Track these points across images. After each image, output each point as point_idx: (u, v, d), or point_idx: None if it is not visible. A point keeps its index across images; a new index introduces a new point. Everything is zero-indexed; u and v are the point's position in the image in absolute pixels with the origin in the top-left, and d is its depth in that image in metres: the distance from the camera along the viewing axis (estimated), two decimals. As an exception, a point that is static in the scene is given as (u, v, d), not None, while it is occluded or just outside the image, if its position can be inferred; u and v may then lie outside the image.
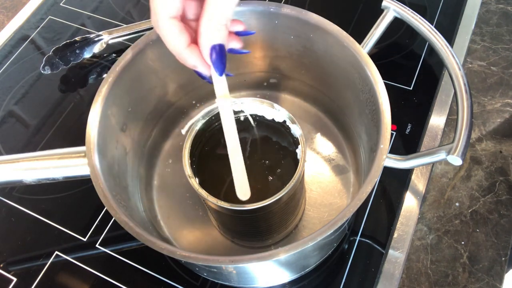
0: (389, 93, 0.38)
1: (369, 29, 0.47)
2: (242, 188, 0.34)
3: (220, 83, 0.34)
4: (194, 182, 0.38)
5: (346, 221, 0.34)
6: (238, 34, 0.35)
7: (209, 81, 0.34)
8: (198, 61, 0.32)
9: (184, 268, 0.46)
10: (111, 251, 0.48)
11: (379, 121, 0.37)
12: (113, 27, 0.63)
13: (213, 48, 0.32)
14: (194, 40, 0.32)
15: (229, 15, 0.31)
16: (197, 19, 0.32)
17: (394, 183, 0.50)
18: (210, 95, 0.54)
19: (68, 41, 0.59)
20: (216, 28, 0.31)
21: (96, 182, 0.37)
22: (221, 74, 0.33)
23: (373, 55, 0.42)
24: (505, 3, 0.63)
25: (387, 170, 0.42)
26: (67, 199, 0.52)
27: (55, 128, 0.57)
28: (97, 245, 0.48)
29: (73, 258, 0.48)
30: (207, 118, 0.42)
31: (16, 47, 0.65)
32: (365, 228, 0.47)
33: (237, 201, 0.36)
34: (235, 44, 0.34)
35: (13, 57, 0.64)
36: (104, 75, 0.42)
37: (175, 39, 0.32)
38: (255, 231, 0.43)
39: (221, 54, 0.32)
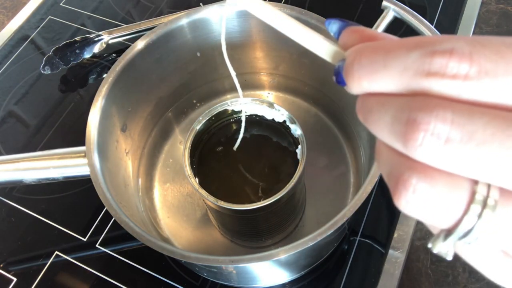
0: (389, 93, 0.38)
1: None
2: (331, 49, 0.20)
3: None
4: (194, 182, 0.38)
5: (346, 221, 0.34)
6: None
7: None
8: None
9: (184, 268, 0.46)
10: (111, 251, 0.48)
11: (379, 121, 0.37)
12: (113, 27, 0.63)
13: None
14: None
15: None
16: None
17: (394, 183, 0.50)
18: (210, 95, 0.54)
19: (68, 41, 0.59)
20: None
21: (96, 182, 0.37)
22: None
23: (373, 55, 0.42)
24: (505, 3, 0.63)
25: (387, 170, 0.42)
26: (67, 199, 0.52)
27: (55, 128, 0.57)
28: (97, 245, 0.48)
29: (73, 258, 0.48)
30: (207, 118, 0.42)
31: (16, 47, 0.65)
32: (365, 228, 0.47)
33: (237, 201, 0.36)
34: None
35: (13, 57, 0.64)
36: (104, 75, 0.42)
37: None
38: (255, 231, 0.43)
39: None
